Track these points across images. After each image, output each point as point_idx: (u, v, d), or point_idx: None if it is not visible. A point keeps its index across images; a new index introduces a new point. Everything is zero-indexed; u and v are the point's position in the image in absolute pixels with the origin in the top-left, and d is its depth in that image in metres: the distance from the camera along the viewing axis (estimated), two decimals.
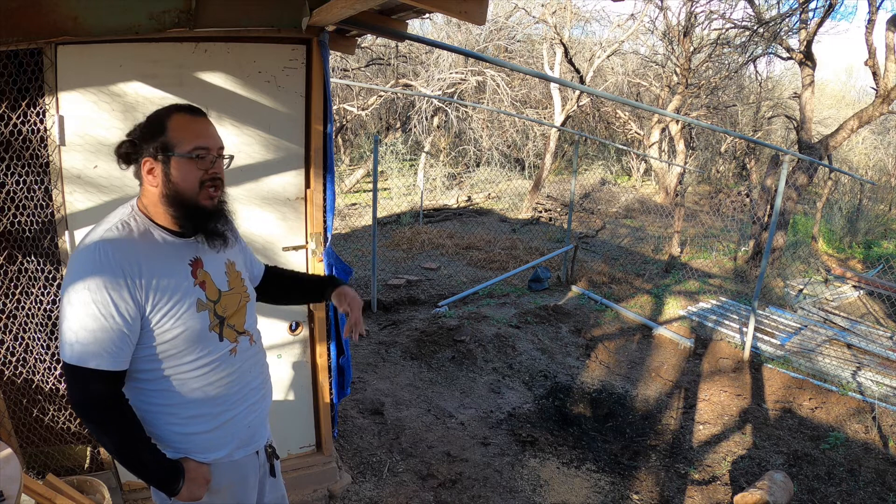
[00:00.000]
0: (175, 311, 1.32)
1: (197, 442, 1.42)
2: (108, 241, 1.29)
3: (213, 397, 1.41)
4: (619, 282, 7.08)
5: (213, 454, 1.44)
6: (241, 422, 1.48)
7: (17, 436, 2.21)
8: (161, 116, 1.34)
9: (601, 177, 14.47)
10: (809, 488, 3.22)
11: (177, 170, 1.31)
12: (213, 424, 1.42)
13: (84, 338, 1.24)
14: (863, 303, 6.95)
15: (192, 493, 1.38)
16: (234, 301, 1.46)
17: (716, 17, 10.99)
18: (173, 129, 1.32)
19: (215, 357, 1.40)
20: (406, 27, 2.47)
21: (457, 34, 12.60)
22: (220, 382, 1.42)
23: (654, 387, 4.51)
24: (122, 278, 1.26)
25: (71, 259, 1.30)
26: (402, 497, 2.92)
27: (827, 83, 22.48)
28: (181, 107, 1.36)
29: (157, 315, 1.31)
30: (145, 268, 1.29)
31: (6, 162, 2.04)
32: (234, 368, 1.45)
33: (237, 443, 1.48)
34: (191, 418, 1.40)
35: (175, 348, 1.34)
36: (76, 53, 2.02)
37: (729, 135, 13.67)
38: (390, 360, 4.60)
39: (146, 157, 1.32)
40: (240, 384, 1.47)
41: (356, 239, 8.64)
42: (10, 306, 2.16)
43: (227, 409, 1.44)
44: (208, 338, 1.38)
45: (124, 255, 1.28)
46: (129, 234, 1.31)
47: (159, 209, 1.35)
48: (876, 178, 13.80)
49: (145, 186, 1.35)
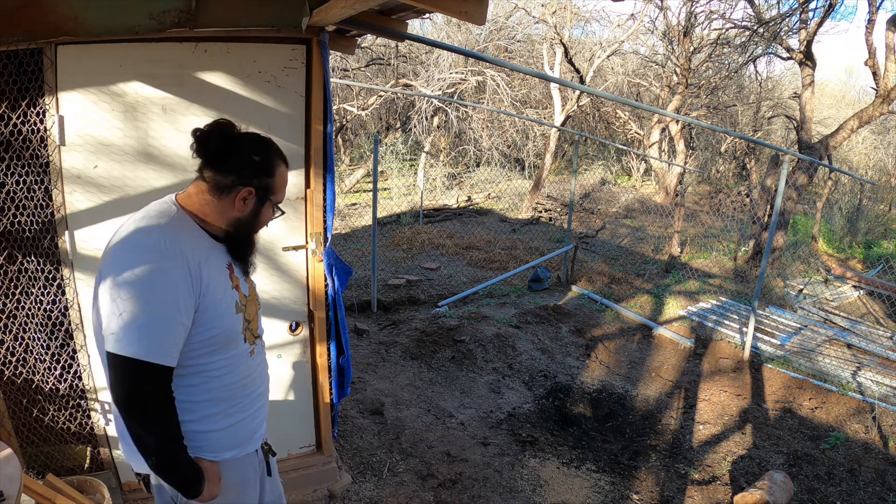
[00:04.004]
0: (218, 310, 1.36)
1: (211, 440, 1.43)
2: (163, 230, 1.30)
3: (230, 397, 1.44)
4: (619, 282, 7.08)
5: (225, 453, 1.46)
6: (250, 423, 1.52)
7: (17, 436, 2.21)
8: (272, 161, 1.41)
9: (601, 177, 14.47)
10: (809, 488, 3.22)
11: (265, 212, 1.44)
12: (226, 423, 1.45)
13: (144, 328, 1.22)
14: (863, 303, 6.95)
15: (210, 493, 1.40)
16: (253, 307, 1.53)
17: (716, 17, 10.99)
18: (278, 179, 1.43)
19: (238, 358, 1.44)
20: (406, 27, 2.47)
21: (457, 34, 12.60)
22: (239, 383, 1.46)
23: (654, 387, 4.50)
24: (185, 268, 1.27)
25: (116, 252, 1.28)
26: (402, 497, 2.92)
27: (827, 83, 22.50)
28: (284, 158, 1.45)
29: (205, 312, 1.33)
30: (198, 259, 1.32)
31: (6, 162, 2.04)
32: (250, 370, 1.49)
33: (244, 443, 1.51)
34: (208, 416, 1.41)
35: (210, 346, 1.37)
36: (76, 53, 2.02)
37: (729, 135, 13.67)
38: (390, 360, 4.60)
39: (249, 188, 1.38)
40: (252, 386, 1.52)
41: (356, 239, 8.64)
42: (10, 306, 2.16)
43: (241, 409, 1.48)
44: (238, 339, 1.43)
45: (181, 244, 1.29)
46: (184, 228, 1.35)
47: (217, 221, 1.41)
48: (876, 178, 13.80)
49: (220, 201, 1.38)
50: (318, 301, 2.66)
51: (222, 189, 1.37)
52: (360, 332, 5.07)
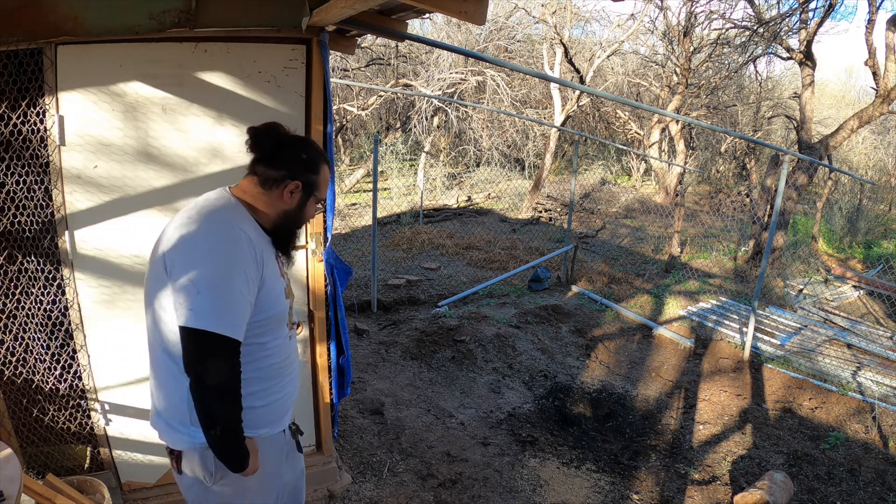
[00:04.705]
0: (272, 294, 1.49)
1: (253, 416, 1.52)
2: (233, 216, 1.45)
3: (273, 376, 1.57)
4: (619, 282, 7.08)
5: (262, 430, 1.57)
6: (285, 403, 1.63)
7: (17, 436, 2.21)
8: (318, 160, 1.57)
9: (601, 177, 14.47)
10: (809, 488, 3.22)
11: (309, 207, 1.59)
12: (267, 401, 1.56)
13: (218, 303, 1.34)
14: (863, 303, 6.95)
15: (253, 466, 1.50)
16: (292, 294, 1.66)
17: (716, 17, 10.99)
18: (322, 176, 1.58)
19: (282, 341, 1.58)
20: (406, 27, 2.47)
21: (457, 34, 12.60)
22: (280, 364, 1.58)
23: (654, 387, 4.51)
24: (252, 253, 1.42)
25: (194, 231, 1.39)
26: (402, 497, 2.92)
27: (827, 83, 22.50)
28: (327, 159, 1.61)
29: (263, 294, 1.46)
30: (260, 250, 1.46)
31: (6, 162, 2.04)
32: (288, 353, 1.62)
33: (278, 421, 1.62)
34: (253, 393, 1.52)
35: (263, 327, 1.49)
36: (76, 53, 2.02)
37: (729, 135, 13.67)
38: (390, 360, 4.60)
39: (296, 182, 1.52)
40: (290, 367, 1.65)
41: (356, 239, 8.64)
42: (10, 306, 2.16)
43: (280, 389, 1.60)
44: (285, 322, 1.58)
45: (247, 232, 1.44)
46: (243, 215, 1.49)
47: (267, 214, 1.54)
48: (876, 178, 13.80)
49: (269, 193, 1.52)
50: (318, 301, 2.66)
51: (272, 182, 1.51)
52: (360, 332, 5.08)
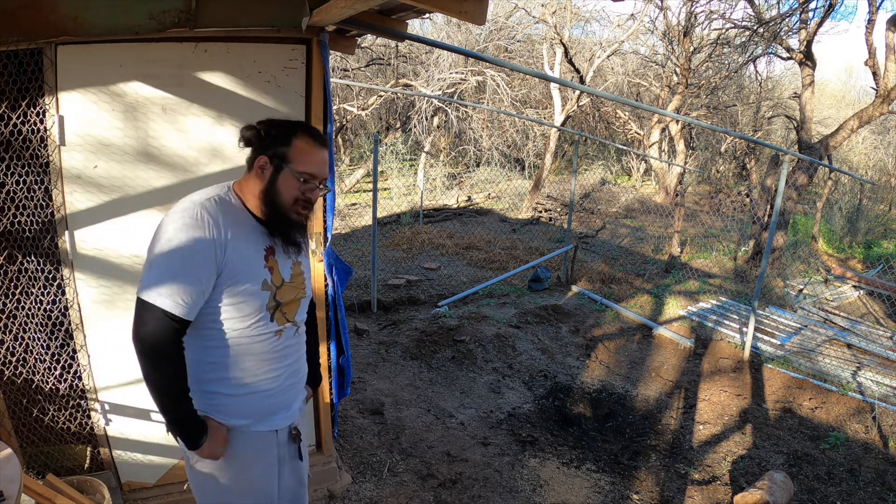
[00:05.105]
0: (243, 282, 1.47)
1: (221, 403, 1.53)
2: (204, 205, 1.45)
3: (244, 367, 1.53)
4: (619, 282, 7.08)
5: (234, 420, 1.55)
6: (268, 400, 1.58)
7: (17, 436, 2.21)
8: (290, 130, 1.50)
9: (601, 177, 14.47)
10: (809, 488, 3.22)
11: (283, 180, 1.49)
12: (237, 391, 1.53)
13: (166, 278, 1.38)
14: (863, 303, 6.95)
15: (211, 451, 1.50)
16: (292, 292, 1.61)
17: (716, 17, 10.99)
18: (296, 148, 1.49)
19: (261, 333, 1.53)
20: (406, 27, 2.47)
21: (457, 34, 12.60)
22: (256, 357, 1.54)
23: (654, 387, 4.51)
24: (211, 238, 1.41)
25: (165, 218, 1.45)
26: (402, 497, 2.92)
27: (827, 83, 22.51)
28: (310, 130, 1.54)
29: (229, 279, 1.45)
30: (231, 234, 1.45)
31: (6, 162, 2.04)
32: (274, 348, 1.56)
33: (258, 417, 1.58)
34: (220, 379, 1.52)
35: (227, 313, 1.48)
36: (76, 53, 2.02)
37: (729, 135, 13.67)
38: (390, 360, 4.60)
39: (264, 156, 1.49)
40: (275, 364, 1.58)
41: (356, 239, 8.64)
42: (10, 306, 2.16)
43: (257, 383, 1.55)
44: (261, 315, 1.52)
45: (215, 219, 1.43)
46: (224, 205, 1.48)
47: (254, 199, 1.52)
48: (876, 178, 13.80)
49: (250, 175, 1.52)
50: (318, 301, 2.66)
51: (248, 166, 1.53)
52: (360, 332, 5.08)
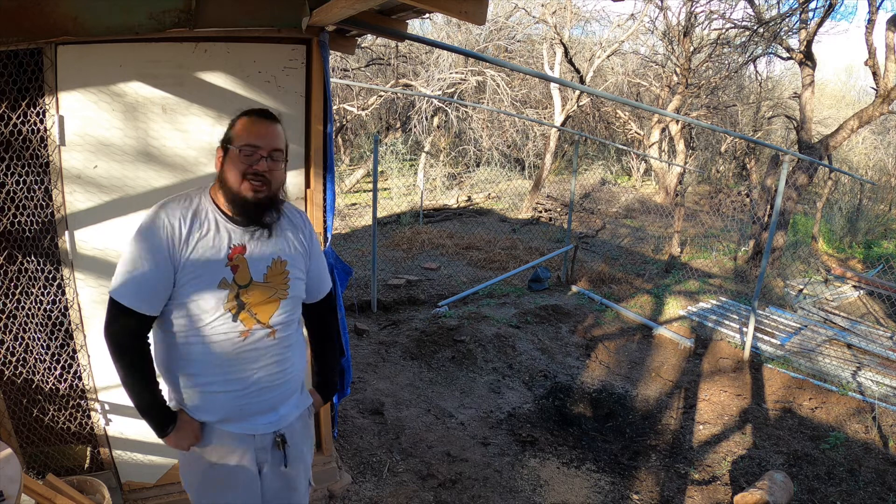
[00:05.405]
0: (197, 280, 1.49)
1: (186, 397, 1.58)
2: (164, 205, 1.51)
3: (202, 364, 1.54)
4: (619, 282, 7.08)
5: (201, 416, 1.58)
6: (236, 401, 1.58)
7: (17, 436, 2.21)
8: (237, 115, 1.56)
9: (601, 177, 14.47)
10: (809, 488, 3.22)
11: (230, 161, 1.51)
12: (199, 388, 1.56)
13: (125, 277, 1.47)
14: (863, 303, 6.95)
15: (178, 442, 1.56)
16: (265, 293, 1.57)
17: (716, 17, 10.99)
18: (237, 127, 1.52)
19: (221, 332, 1.52)
20: (406, 27, 2.47)
21: (457, 34, 12.60)
22: (216, 356, 1.53)
23: (654, 387, 4.50)
24: (166, 238, 1.46)
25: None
26: (402, 497, 2.92)
27: (827, 83, 22.48)
28: (254, 111, 1.55)
29: (185, 277, 1.48)
30: (188, 233, 1.48)
31: (6, 162, 2.04)
32: (239, 349, 1.55)
33: (228, 416, 1.59)
34: (184, 374, 1.56)
35: (184, 311, 1.51)
36: (76, 53, 2.02)
37: (729, 135, 13.67)
38: (390, 360, 4.60)
39: (219, 146, 1.55)
40: (241, 365, 1.56)
41: (356, 239, 8.64)
42: (10, 306, 2.16)
43: (219, 382, 1.55)
44: (220, 313, 1.51)
45: (172, 218, 1.48)
46: (185, 205, 1.52)
47: (219, 193, 1.55)
48: (876, 178, 13.79)
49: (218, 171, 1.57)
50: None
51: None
52: (360, 332, 5.08)
